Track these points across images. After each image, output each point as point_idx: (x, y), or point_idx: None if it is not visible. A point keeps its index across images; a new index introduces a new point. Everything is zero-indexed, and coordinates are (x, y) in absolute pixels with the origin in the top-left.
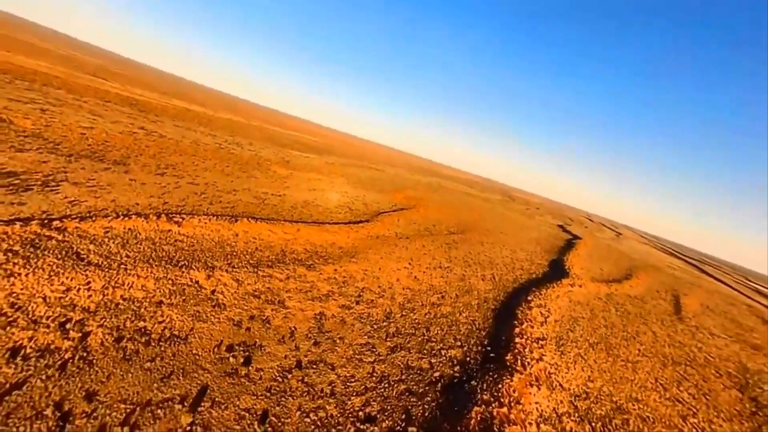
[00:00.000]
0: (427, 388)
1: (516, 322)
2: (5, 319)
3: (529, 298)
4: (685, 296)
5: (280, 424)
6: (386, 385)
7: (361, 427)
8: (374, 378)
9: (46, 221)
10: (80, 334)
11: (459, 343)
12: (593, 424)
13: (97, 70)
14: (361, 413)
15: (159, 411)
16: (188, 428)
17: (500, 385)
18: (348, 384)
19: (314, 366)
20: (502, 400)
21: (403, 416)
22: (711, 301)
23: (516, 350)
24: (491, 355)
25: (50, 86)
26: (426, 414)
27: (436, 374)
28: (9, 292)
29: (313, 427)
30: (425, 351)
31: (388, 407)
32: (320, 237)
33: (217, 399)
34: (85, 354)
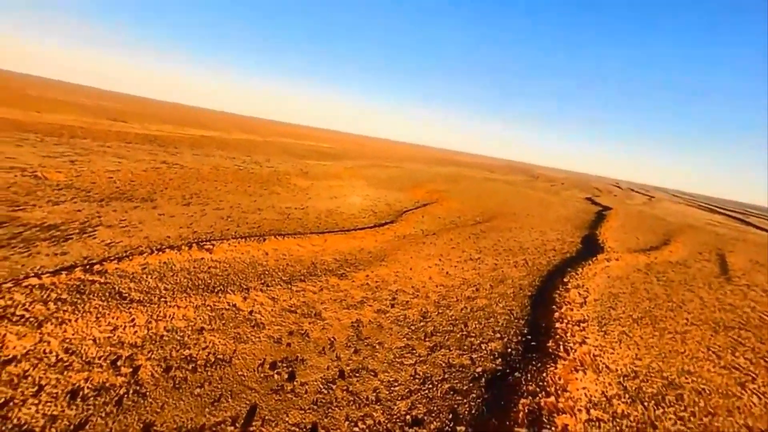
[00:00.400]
0: (471, 384)
1: (554, 306)
2: (62, 364)
3: (565, 279)
4: (730, 254)
5: None
6: (430, 386)
7: (410, 430)
8: (417, 380)
9: (87, 266)
10: (131, 369)
11: (498, 335)
12: (645, 404)
13: (117, 114)
14: (408, 417)
15: None
16: None
17: (545, 374)
18: (392, 389)
19: (357, 374)
20: (548, 389)
21: (450, 416)
22: (760, 255)
23: (557, 336)
24: (532, 343)
25: (76, 137)
26: (473, 411)
27: (479, 370)
28: (62, 338)
29: None
30: (465, 347)
31: (434, 408)
32: (348, 244)
33: (266, 417)
34: (137, 387)
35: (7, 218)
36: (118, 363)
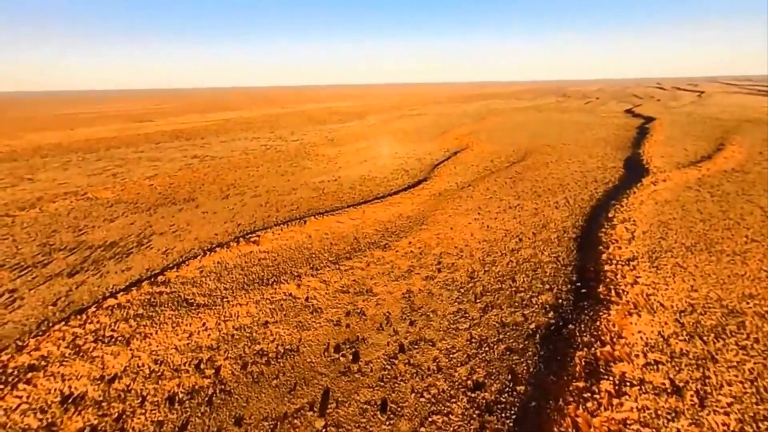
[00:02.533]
0: (526, 342)
1: (601, 247)
2: (155, 374)
3: (610, 214)
4: None
5: (399, 408)
6: (486, 349)
7: (472, 395)
8: (473, 344)
9: (152, 278)
10: (213, 370)
11: (547, 287)
12: (704, 338)
13: (141, 115)
14: (469, 382)
15: (296, 420)
16: (323, 430)
17: (598, 323)
18: (451, 356)
19: (416, 346)
20: (603, 338)
21: (509, 376)
22: None
23: (607, 279)
24: (582, 291)
25: (112, 148)
26: (531, 369)
27: (532, 326)
28: (150, 351)
29: (429, 404)
30: (516, 304)
31: (493, 370)
32: (386, 212)
33: (339, 399)
34: (222, 386)
35: (76, 243)
36: (201, 366)
